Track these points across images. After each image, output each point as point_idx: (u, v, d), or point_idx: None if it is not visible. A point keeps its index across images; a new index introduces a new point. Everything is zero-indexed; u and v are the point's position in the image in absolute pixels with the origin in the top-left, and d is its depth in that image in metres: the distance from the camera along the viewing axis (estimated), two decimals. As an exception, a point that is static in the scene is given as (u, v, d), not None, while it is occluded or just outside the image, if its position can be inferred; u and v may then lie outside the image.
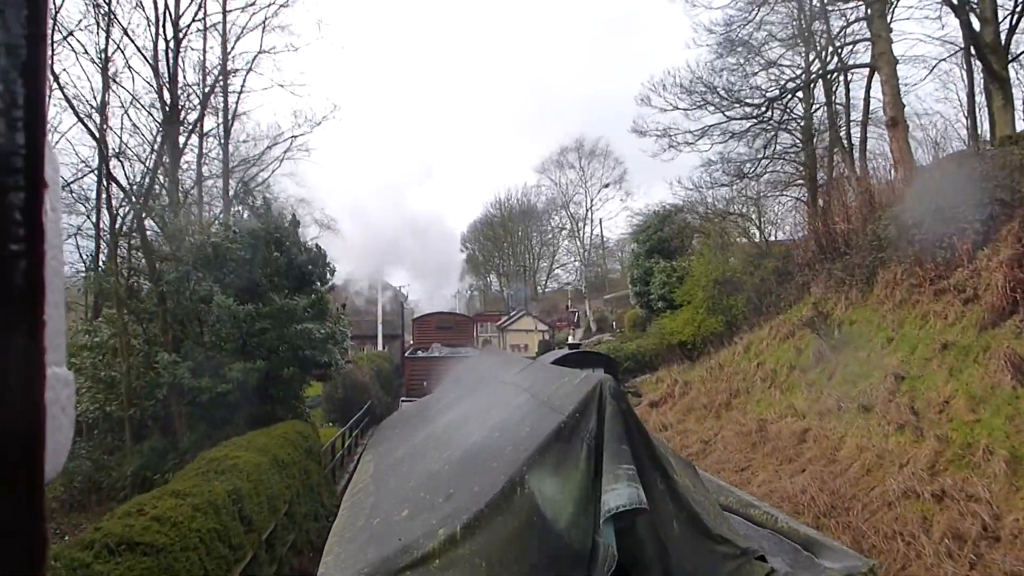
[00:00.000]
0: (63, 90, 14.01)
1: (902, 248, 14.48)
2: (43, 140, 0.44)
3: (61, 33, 14.65)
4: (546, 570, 3.95)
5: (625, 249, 58.71)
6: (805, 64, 26.05)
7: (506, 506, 4.07)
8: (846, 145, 25.55)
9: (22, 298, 0.43)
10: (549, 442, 4.23)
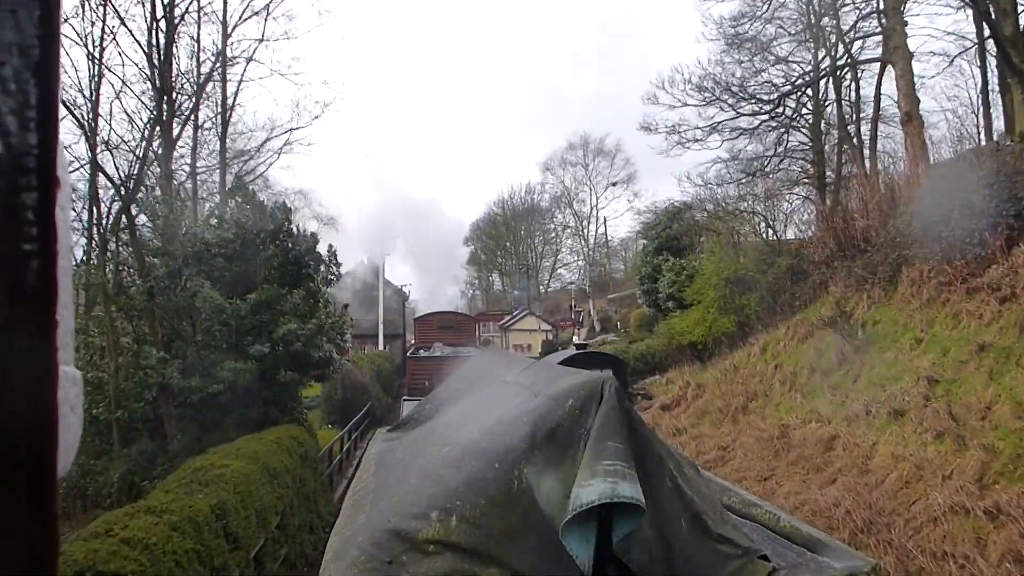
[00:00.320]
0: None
1: (928, 245, 13.79)
2: (55, 140, 0.44)
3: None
4: (543, 564, 3.97)
5: (629, 248, 58.16)
6: (815, 61, 25.48)
7: (504, 501, 4.09)
8: (855, 143, 25.02)
9: (35, 297, 0.43)
10: (547, 439, 4.24)
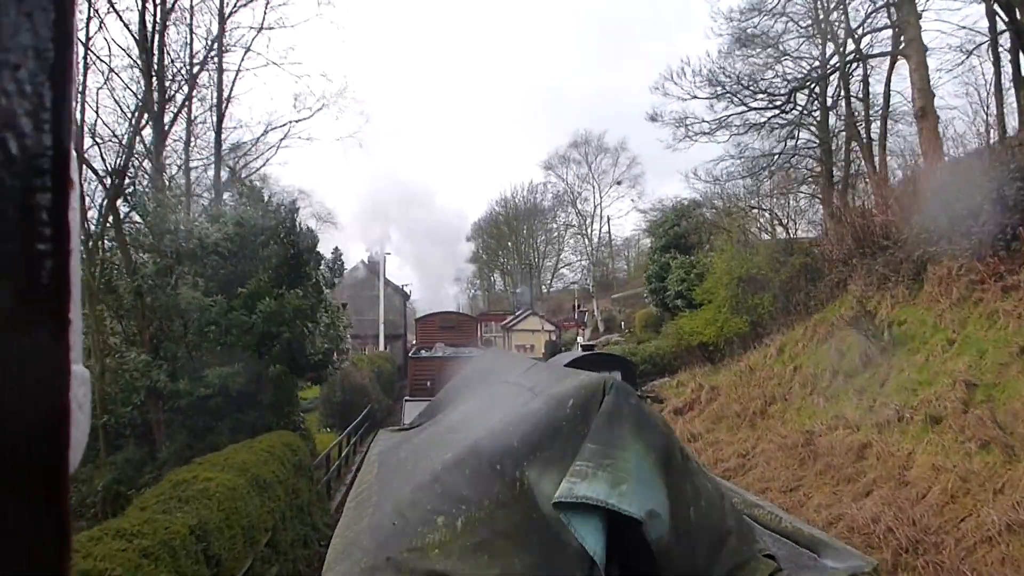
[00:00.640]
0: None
1: (956, 241, 13.12)
2: (69, 141, 0.44)
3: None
4: (545, 565, 3.97)
5: (632, 247, 57.44)
6: (823, 58, 24.85)
7: (506, 501, 4.10)
8: (865, 140, 24.42)
9: (49, 297, 0.43)
10: (549, 440, 4.27)
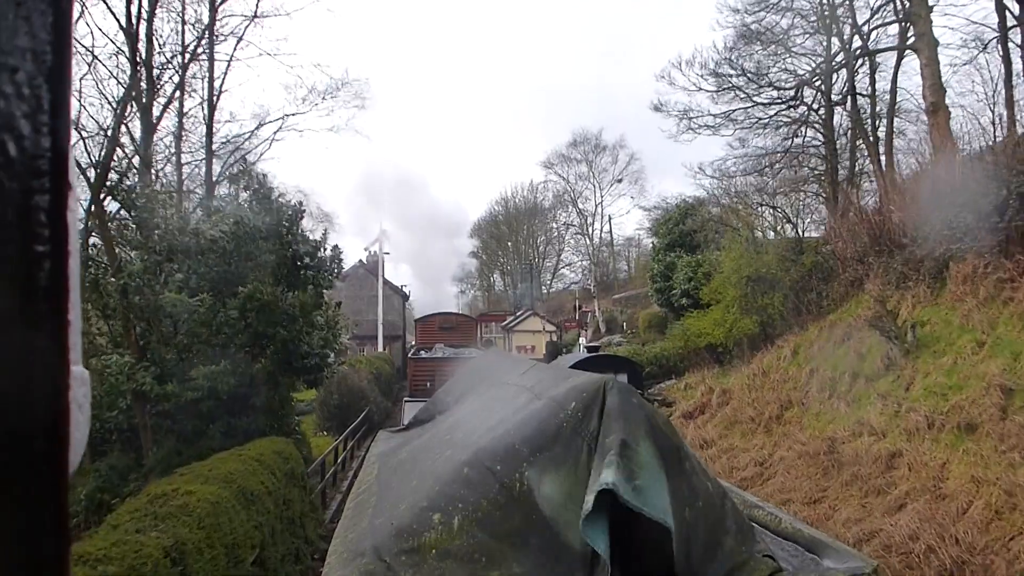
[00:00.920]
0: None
1: (981, 237, 12.54)
2: (68, 144, 0.45)
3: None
4: (547, 568, 3.94)
5: (633, 247, 56.83)
6: (827, 53, 24.34)
7: (505, 502, 4.09)
8: (871, 138, 23.91)
9: (47, 298, 0.43)
10: (549, 440, 4.26)
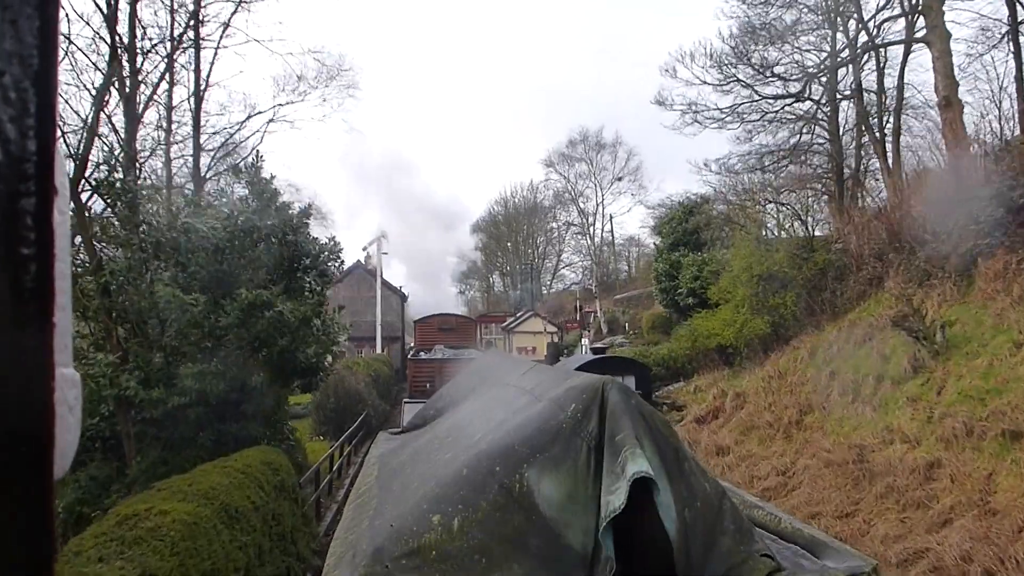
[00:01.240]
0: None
1: (1013, 232, 11.90)
2: (54, 147, 0.45)
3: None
4: (546, 568, 3.93)
5: (634, 247, 56.16)
6: (832, 48, 23.76)
7: (505, 503, 4.06)
8: (878, 135, 23.34)
9: (32, 300, 0.43)
10: (549, 441, 4.22)
